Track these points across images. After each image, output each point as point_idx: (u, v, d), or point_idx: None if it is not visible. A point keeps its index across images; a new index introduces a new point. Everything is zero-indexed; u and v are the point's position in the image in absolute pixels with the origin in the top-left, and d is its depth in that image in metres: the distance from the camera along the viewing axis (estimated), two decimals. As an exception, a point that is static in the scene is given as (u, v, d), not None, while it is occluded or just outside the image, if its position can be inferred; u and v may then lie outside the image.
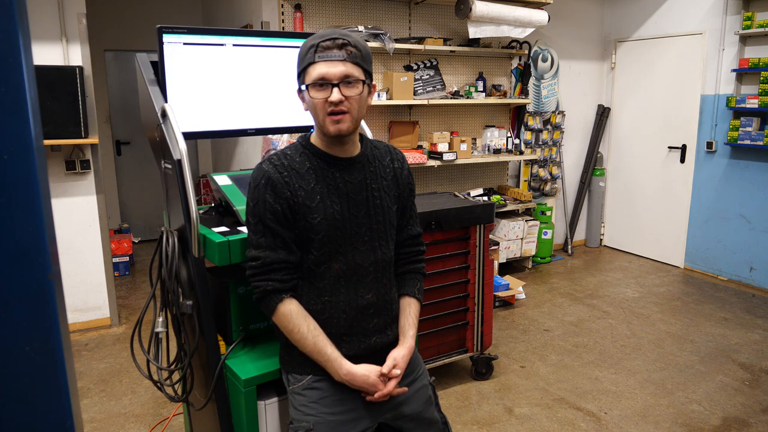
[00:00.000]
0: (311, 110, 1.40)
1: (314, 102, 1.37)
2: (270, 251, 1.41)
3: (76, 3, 3.57)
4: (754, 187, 4.70)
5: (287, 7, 4.10)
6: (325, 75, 1.34)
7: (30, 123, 0.72)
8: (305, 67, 1.37)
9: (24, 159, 0.72)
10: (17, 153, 0.71)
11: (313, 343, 1.41)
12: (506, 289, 4.32)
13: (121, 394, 3.09)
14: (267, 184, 1.40)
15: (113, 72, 5.90)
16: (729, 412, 2.92)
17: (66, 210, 3.73)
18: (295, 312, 1.42)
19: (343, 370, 1.42)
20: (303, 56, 1.38)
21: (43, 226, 0.74)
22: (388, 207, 1.52)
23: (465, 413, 2.91)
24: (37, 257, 0.74)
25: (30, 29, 0.96)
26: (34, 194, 0.73)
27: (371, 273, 1.48)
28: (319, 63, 1.34)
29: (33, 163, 0.73)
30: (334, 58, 1.33)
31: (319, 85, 1.35)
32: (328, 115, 1.36)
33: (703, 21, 4.96)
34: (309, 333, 1.41)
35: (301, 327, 1.41)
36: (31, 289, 0.75)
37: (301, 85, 1.40)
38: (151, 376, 1.84)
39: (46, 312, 0.76)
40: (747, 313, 4.22)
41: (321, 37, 1.36)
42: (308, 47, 1.36)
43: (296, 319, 1.41)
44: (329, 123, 1.37)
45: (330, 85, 1.34)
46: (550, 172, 5.67)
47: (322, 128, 1.40)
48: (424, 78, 4.57)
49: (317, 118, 1.40)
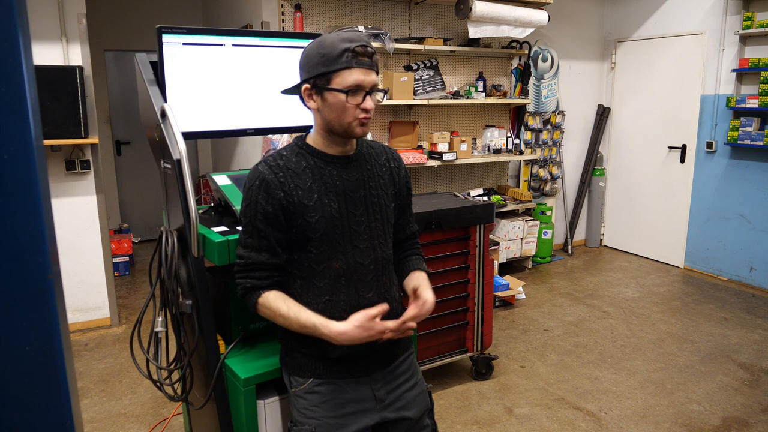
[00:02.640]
0: (333, 111, 1.38)
1: (347, 106, 1.37)
2: (254, 252, 1.43)
3: (76, 3, 3.57)
4: (754, 187, 4.70)
5: (287, 7, 4.10)
6: (362, 83, 1.36)
7: (30, 123, 0.72)
8: (338, 69, 1.35)
9: (24, 159, 0.72)
10: (17, 153, 0.71)
11: (296, 319, 1.39)
12: (506, 289, 4.32)
13: (121, 394, 3.09)
14: (260, 185, 1.41)
15: (113, 72, 5.90)
16: (729, 412, 2.92)
17: (66, 210, 3.73)
18: (273, 297, 1.43)
19: (333, 331, 1.37)
20: (335, 58, 1.34)
21: (43, 226, 0.75)
22: (386, 205, 1.53)
23: (465, 413, 2.91)
24: (37, 257, 0.75)
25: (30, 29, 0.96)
26: (34, 194, 0.73)
27: (372, 271, 1.48)
28: (356, 69, 1.35)
29: (33, 163, 0.73)
30: (367, 66, 1.37)
31: (353, 91, 1.36)
32: (356, 119, 1.39)
33: (703, 21, 4.96)
34: (290, 311, 1.40)
35: (280, 308, 1.41)
36: (31, 289, 0.75)
37: (326, 85, 1.37)
38: (150, 376, 1.84)
39: (46, 312, 0.76)
40: (747, 313, 4.22)
41: (352, 41, 1.35)
42: (341, 50, 1.34)
43: (274, 303, 1.42)
44: (357, 125, 1.40)
45: (363, 92, 1.37)
46: (550, 172, 5.67)
47: (347, 129, 1.40)
48: (424, 78, 4.57)
49: (341, 120, 1.38)
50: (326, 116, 1.40)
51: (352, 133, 1.41)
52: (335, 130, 1.42)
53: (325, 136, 1.45)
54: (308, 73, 1.40)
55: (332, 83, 1.36)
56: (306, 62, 1.41)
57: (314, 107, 1.42)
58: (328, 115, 1.40)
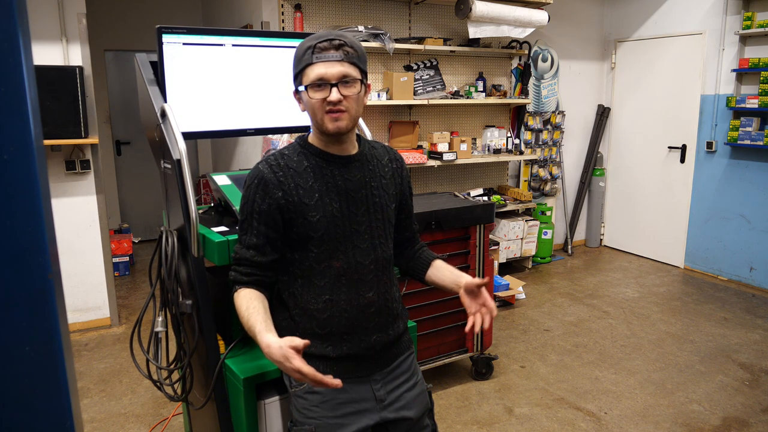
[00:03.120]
0: (309, 110, 1.41)
1: (312, 102, 1.38)
2: (244, 248, 1.46)
3: (76, 3, 3.57)
4: (754, 187, 4.70)
5: (287, 7, 4.10)
6: (324, 75, 1.35)
7: (30, 123, 0.72)
8: (303, 68, 1.38)
9: (24, 159, 0.72)
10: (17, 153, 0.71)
11: (247, 319, 1.38)
12: (506, 289, 4.32)
13: (121, 394, 3.09)
14: (258, 184, 1.42)
15: (113, 72, 5.90)
16: (729, 412, 2.92)
17: (66, 210, 3.73)
18: (242, 295, 1.43)
19: (263, 342, 1.32)
20: (300, 58, 1.39)
21: (43, 226, 0.74)
22: (387, 205, 1.53)
23: (465, 413, 2.91)
24: (37, 257, 0.74)
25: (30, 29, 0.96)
26: (34, 194, 0.73)
27: (372, 271, 1.48)
28: (317, 64, 1.35)
29: (33, 163, 0.73)
30: (331, 59, 1.35)
31: (317, 86, 1.36)
32: (326, 113, 1.38)
33: (703, 21, 4.96)
34: (246, 311, 1.39)
35: (241, 307, 1.41)
36: (31, 289, 0.75)
37: (299, 86, 1.40)
38: (150, 376, 1.84)
39: (46, 312, 0.76)
40: (747, 313, 4.22)
41: (317, 38, 1.37)
42: (305, 49, 1.37)
43: (239, 301, 1.42)
44: (328, 121, 1.38)
45: (328, 85, 1.36)
46: (550, 172, 5.67)
47: (321, 127, 1.41)
48: (424, 78, 4.57)
49: (315, 118, 1.40)
50: (309, 116, 1.43)
51: (326, 130, 1.39)
52: (317, 129, 1.44)
53: (319, 135, 1.46)
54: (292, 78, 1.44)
55: (302, 82, 1.39)
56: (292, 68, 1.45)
57: (302, 110, 1.45)
58: (309, 115, 1.43)
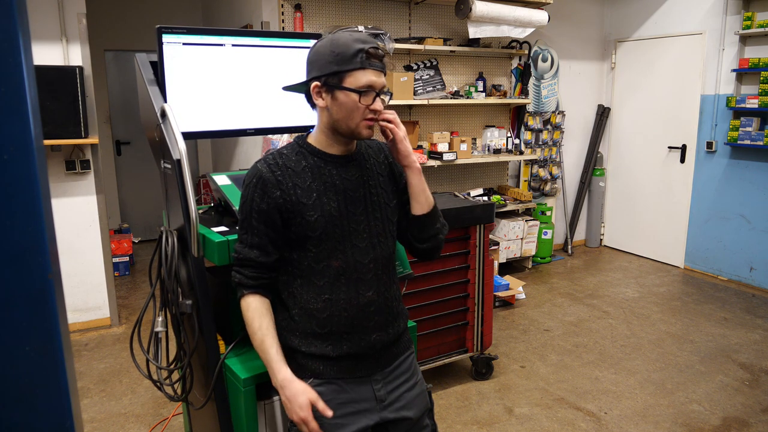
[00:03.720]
0: (342, 111, 1.39)
1: (357, 106, 1.37)
2: (246, 248, 1.45)
3: (76, 3, 3.57)
4: (754, 187, 4.70)
5: (287, 7, 4.10)
6: (374, 84, 1.37)
7: (30, 123, 0.72)
8: (351, 69, 1.36)
9: (24, 159, 0.72)
10: (17, 153, 0.71)
11: (261, 340, 1.42)
12: (506, 289, 4.32)
13: (121, 394, 3.09)
14: (257, 183, 1.42)
15: (113, 72, 5.90)
16: (729, 412, 2.92)
17: (66, 210, 3.73)
18: (253, 307, 1.45)
19: (280, 375, 1.41)
20: (349, 58, 1.35)
21: (43, 226, 0.74)
22: (386, 203, 1.53)
23: (465, 413, 2.91)
24: (37, 257, 0.74)
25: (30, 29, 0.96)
26: (34, 194, 0.73)
27: (371, 270, 1.48)
28: (369, 70, 1.36)
29: (33, 163, 0.73)
30: (379, 68, 1.38)
31: (365, 92, 1.37)
32: (364, 120, 1.39)
33: (703, 21, 4.96)
34: (259, 330, 1.43)
35: (253, 322, 1.44)
36: (31, 289, 0.75)
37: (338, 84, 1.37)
38: (150, 376, 1.84)
39: (46, 312, 0.76)
40: (747, 313, 4.22)
41: (365, 42, 1.36)
42: (356, 50, 1.35)
43: (250, 313, 1.44)
44: (364, 127, 1.40)
45: (374, 93, 1.38)
46: (550, 172, 5.67)
47: (354, 130, 1.40)
48: (424, 78, 4.57)
49: (349, 120, 1.39)
50: (334, 115, 1.40)
51: (359, 135, 1.41)
52: (341, 130, 1.41)
53: (329, 135, 1.45)
54: (319, 70, 1.39)
55: (345, 82, 1.36)
56: (317, 60, 1.40)
57: (322, 105, 1.42)
58: (336, 114, 1.40)
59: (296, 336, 1.47)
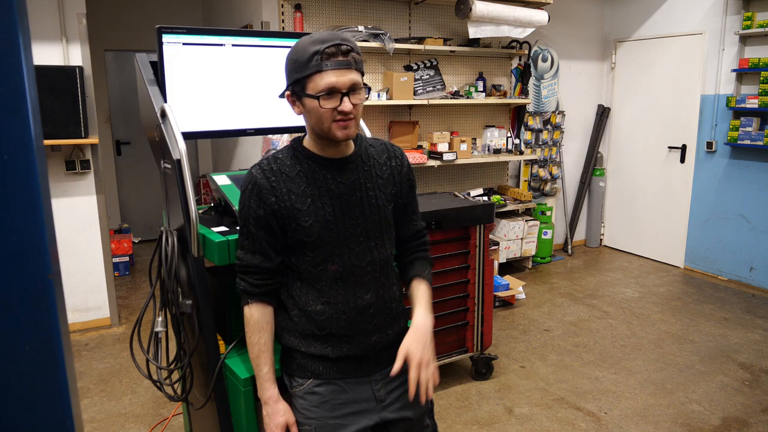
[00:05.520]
0: (313, 117, 1.36)
1: (321, 111, 1.33)
2: (249, 254, 1.45)
3: (76, 3, 3.57)
4: (754, 187, 4.70)
5: (287, 7, 4.10)
6: (335, 85, 1.31)
7: (30, 123, 0.72)
8: (309, 74, 1.32)
9: (24, 159, 0.72)
10: (17, 153, 0.71)
11: (257, 355, 1.46)
12: (506, 289, 4.32)
13: (121, 394, 3.09)
14: (252, 189, 1.41)
15: (113, 72, 5.90)
16: (729, 412, 2.92)
17: (66, 210, 3.73)
18: (254, 319, 1.46)
19: (267, 393, 1.46)
20: (304, 63, 1.32)
21: (43, 226, 0.75)
22: (384, 206, 1.51)
23: (465, 413, 2.91)
24: (37, 257, 0.75)
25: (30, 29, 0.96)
26: (34, 194, 0.73)
27: (369, 273, 1.47)
28: (327, 72, 1.30)
29: (33, 163, 0.73)
30: (341, 66, 1.31)
31: (327, 95, 1.32)
32: (334, 122, 1.35)
33: (703, 21, 4.96)
34: (257, 345, 1.45)
35: (252, 335, 1.46)
36: (31, 289, 0.75)
37: (302, 92, 1.35)
38: (150, 376, 1.84)
39: (46, 312, 0.76)
40: (747, 313, 4.22)
41: (323, 42, 1.31)
42: (311, 53, 1.30)
43: (251, 326, 1.46)
44: (337, 129, 1.35)
45: (339, 94, 1.32)
46: (550, 172, 5.67)
47: (328, 134, 1.37)
48: (424, 78, 4.57)
49: (321, 125, 1.36)
50: (309, 121, 1.40)
51: (333, 137, 1.37)
52: (319, 134, 1.40)
53: (316, 139, 1.43)
54: (288, 79, 1.39)
55: (307, 89, 1.33)
56: (286, 68, 1.39)
57: (298, 113, 1.41)
58: (310, 121, 1.39)
59: (296, 337, 1.47)
